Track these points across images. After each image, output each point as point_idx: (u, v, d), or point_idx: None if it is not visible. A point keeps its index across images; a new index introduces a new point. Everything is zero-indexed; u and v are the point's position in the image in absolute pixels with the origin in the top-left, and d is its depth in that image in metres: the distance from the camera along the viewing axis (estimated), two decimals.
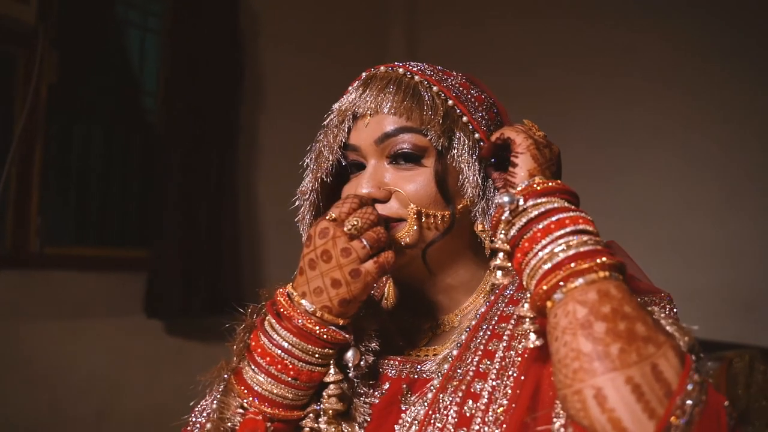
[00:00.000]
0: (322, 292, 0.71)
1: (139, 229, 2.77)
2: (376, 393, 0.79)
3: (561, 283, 0.59)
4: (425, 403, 0.74)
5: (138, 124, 2.83)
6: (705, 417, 0.51)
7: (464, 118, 0.79)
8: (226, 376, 0.76)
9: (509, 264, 0.67)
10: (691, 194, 2.61)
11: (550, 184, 0.68)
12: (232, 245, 2.81)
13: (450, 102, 0.79)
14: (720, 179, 2.55)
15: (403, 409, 0.77)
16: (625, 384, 0.52)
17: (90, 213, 2.71)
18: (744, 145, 2.50)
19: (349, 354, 0.74)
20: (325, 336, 0.71)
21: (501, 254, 0.68)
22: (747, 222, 2.47)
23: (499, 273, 0.68)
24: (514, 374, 0.69)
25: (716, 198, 2.56)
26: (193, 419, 0.81)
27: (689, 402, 0.51)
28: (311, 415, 0.75)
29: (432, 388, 0.76)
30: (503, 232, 0.68)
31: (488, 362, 0.72)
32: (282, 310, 0.73)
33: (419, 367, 0.80)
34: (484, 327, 0.77)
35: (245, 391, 0.72)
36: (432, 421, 0.71)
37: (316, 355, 0.72)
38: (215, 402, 0.76)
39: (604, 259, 0.59)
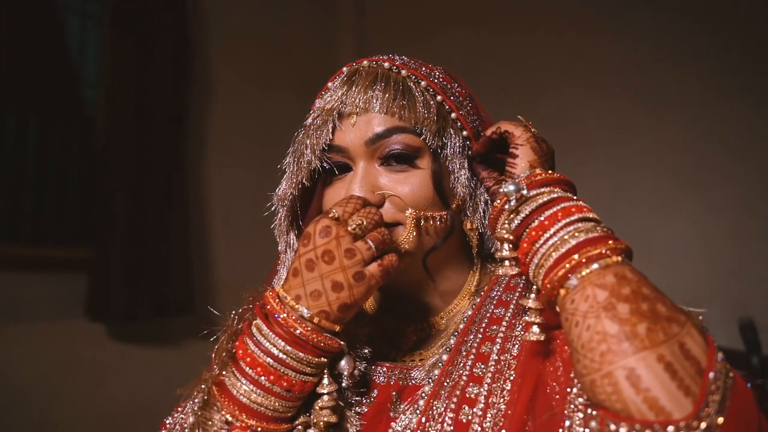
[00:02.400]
0: (321, 295, 0.66)
1: (78, 228, 2.63)
2: (364, 401, 0.75)
3: (576, 269, 0.58)
4: (417, 411, 0.71)
5: (77, 117, 2.68)
6: (736, 393, 0.51)
7: (453, 115, 0.77)
8: (204, 387, 0.70)
9: (516, 254, 0.65)
10: (632, 195, 2.68)
11: (553, 174, 0.68)
12: (181, 245, 2.69)
13: (439, 98, 0.76)
14: (661, 181, 2.63)
15: (392, 417, 0.74)
16: (657, 362, 0.51)
17: (25, 210, 2.55)
18: (684, 147, 2.58)
19: (343, 363, 0.70)
20: (321, 344, 0.66)
21: (507, 245, 0.66)
22: (688, 222, 2.56)
23: (506, 263, 0.66)
24: (511, 377, 0.67)
25: (657, 199, 2.64)
26: None
27: (721, 378, 0.51)
28: (299, 427, 0.70)
29: (423, 395, 0.73)
30: (507, 222, 0.66)
31: (482, 366, 0.70)
32: (274, 314, 0.67)
33: (408, 373, 0.77)
34: (474, 330, 0.75)
35: (229, 403, 0.67)
36: (427, 429, 0.68)
37: (311, 365, 0.67)
38: (192, 416, 0.70)
39: (615, 244, 0.59)
